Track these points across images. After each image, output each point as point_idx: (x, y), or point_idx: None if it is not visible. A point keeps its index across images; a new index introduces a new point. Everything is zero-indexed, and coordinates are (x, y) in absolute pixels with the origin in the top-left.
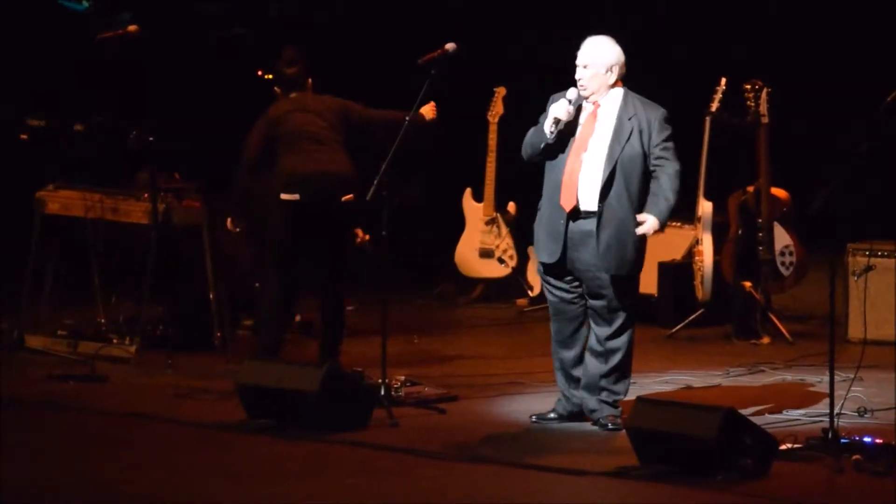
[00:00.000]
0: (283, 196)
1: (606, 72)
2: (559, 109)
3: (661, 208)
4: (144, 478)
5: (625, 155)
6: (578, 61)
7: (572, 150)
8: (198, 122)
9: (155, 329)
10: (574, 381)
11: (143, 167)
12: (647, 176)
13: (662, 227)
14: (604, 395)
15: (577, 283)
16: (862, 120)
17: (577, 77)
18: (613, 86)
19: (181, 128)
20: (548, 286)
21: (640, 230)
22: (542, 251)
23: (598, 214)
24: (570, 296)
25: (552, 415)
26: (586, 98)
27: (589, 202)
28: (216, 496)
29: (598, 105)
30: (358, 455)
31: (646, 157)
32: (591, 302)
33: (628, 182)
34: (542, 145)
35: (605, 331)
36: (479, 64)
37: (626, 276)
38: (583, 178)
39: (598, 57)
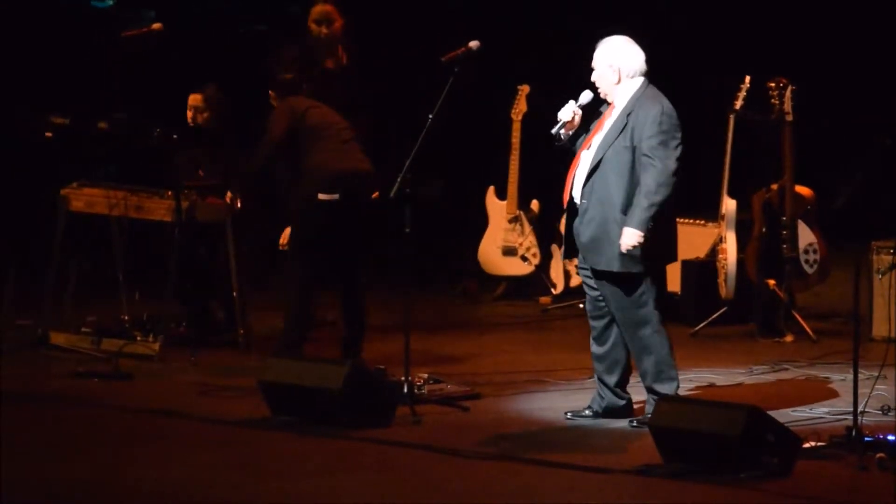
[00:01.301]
0: (322, 196)
1: (607, 69)
2: (565, 111)
3: (636, 217)
4: (168, 474)
5: (612, 150)
6: (592, 65)
7: (581, 148)
8: (221, 120)
9: (179, 326)
10: (607, 378)
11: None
12: (635, 171)
13: (644, 230)
14: (649, 396)
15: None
16: (887, 116)
17: (592, 79)
18: (619, 83)
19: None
20: (583, 281)
21: (621, 246)
22: (564, 248)
23: (584, 210)
24: (594, 292)
25: (587, 411)
26: (604, 98)
27: (578, 198)
28: (239, 493)
29: (614, 105)
30: (381, 452)
31: (635, 152)
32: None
33: (613, 177)
34: (556, 143)
35: (624, 330)
36: (503, 61)
37: (626, 272)
38: (577, 174)
39: (602, 56)
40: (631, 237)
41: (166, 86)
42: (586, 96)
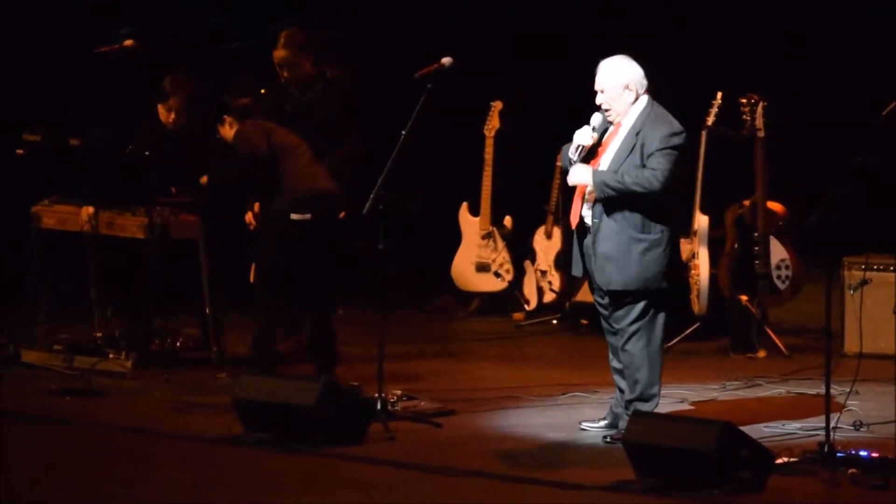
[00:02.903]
0: (294, 216)
1: (624, 90)
2: (583, 136)
3: (602, 175)
4: (142, 492)
5: (624, 168)
6: (596, 87)
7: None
8: (197, 136)
9: (152, 343)
10: (619, 392)
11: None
12: None
13: (595, 186)
14: (624, 412)
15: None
16: (859, 133)
17: (598, 102)
18: (635, 101)
19: (179, 141)
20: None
21: (569, 175)
22: (573, 265)
23: (595, 229)
24: (606, 311)
25: (602, 422)
26: (612, 121)
27: (589, 217)
28: None
29: (620, 124)
30: (354, 469)
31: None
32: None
33: (625, 197)
34: (569, 166)
35: (626, 342)
36: (476, 78)
37: (638, 291)
38: (587, 194)
39: (613, 78)
40: (581, 175)
41: (147, 103)
42: (597, 119)
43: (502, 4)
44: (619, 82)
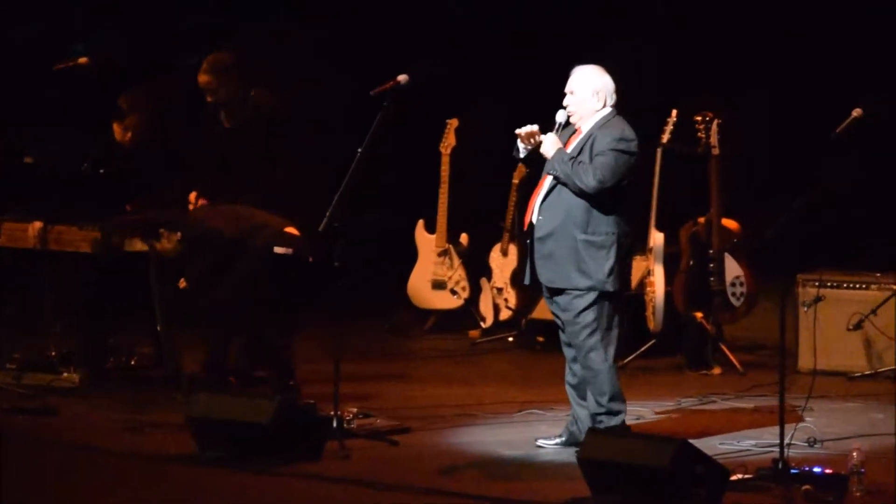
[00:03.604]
0: (278, 249)
1: (592, 96)
2: (526, 127)
3: (562, 154)
4: None
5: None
6: (566, 88)
7: (545, 173)
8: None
9: (105, 361)
10: (575, 410)
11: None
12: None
13: (553, 155)
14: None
15: None
16: (813, 151)
17: (564, 104)
18: (600, 110)
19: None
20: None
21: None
22: (525, 273)
23: (540, 226)
24: (559, 321)
25: (557, 439)
26: (574, 123)
27: (535, 217)
28: None
29: (581, 129)
30: (310, 487)
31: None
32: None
33: (572, 195)
34: (518, 156)
35: (577, 354)
36: (432, 95)
37: (580, 291)
38: (538, 195)
39: (584, 81)
40: (549, 144)
41: (102, 118)
42: (561, 116)
43: (461, 23)
44: (590, 87)
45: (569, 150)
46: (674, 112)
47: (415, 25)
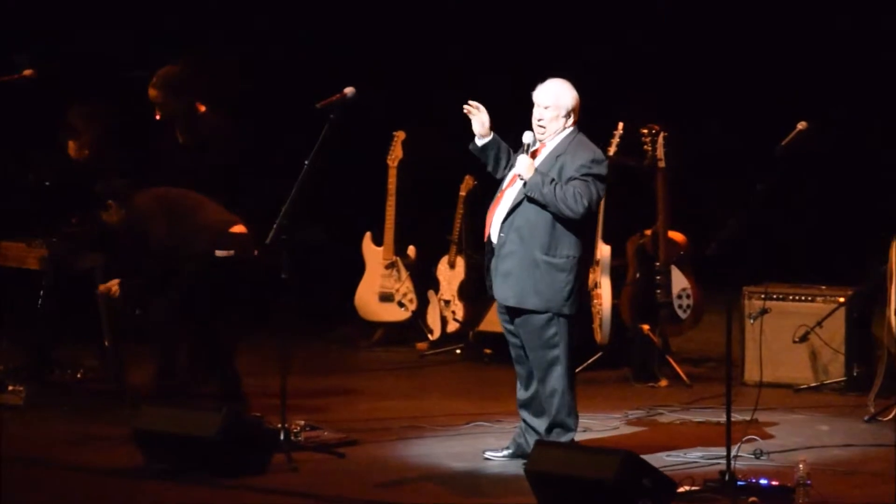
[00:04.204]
0: (219, 253)
1: (566, 115)
2: (527, 138)
3: (544, 177)
4: None
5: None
6: (540, 101)
7: (504, 186)
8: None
9: (51, 374)
10: (537, 423)
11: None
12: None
13: (532, 178)
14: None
15: None
16: (759, 163)
17: (537, 117)
18: (567, 128)
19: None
20: (504, 329)
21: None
22: (487, 285)
23: (500, 245)
24: (515, 339)
25: (505, 451)
26: (541, 138)
27: (496, 234)
28: None
29: (544, 145)
30: (257, 501)
31: None
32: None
33: (536, 216)
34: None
35: (535, 371)
36: (379, 108)
37: (538, 312)
38: (497, 211)
39: (560, 99)
40: (523, 165)
41: (44, 131)
42: (528, 137)
43: (407, 35)
44: (565, 105)
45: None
46: (620, 125)
47: (361, 39)
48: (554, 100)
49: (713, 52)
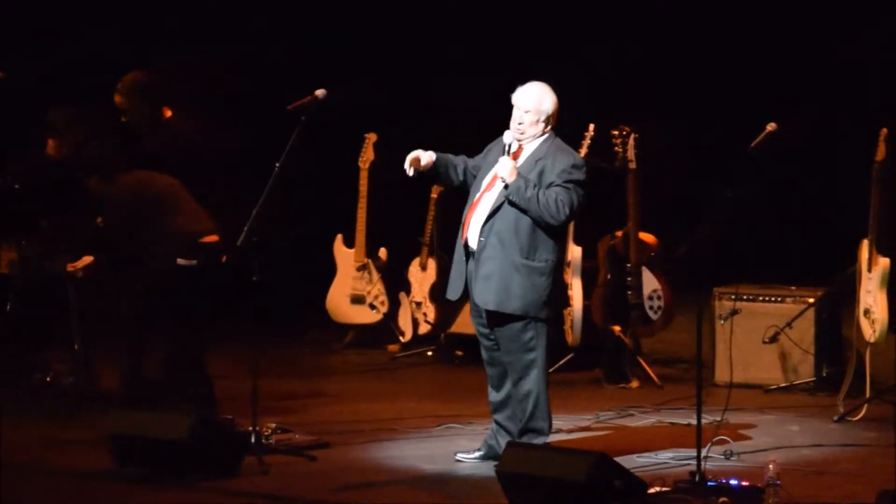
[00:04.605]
0: (181, 261)
1: (545, 118)
2: (507, 137)
3: (526, 181)
4: None
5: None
6: (521, 105)
7: (483, 189)
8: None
9: (21, 378)
10: (510, 425)
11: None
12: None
13: (514, 182)
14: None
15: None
16: (729, 164)
17: (517, 121)
18: (545, 133)
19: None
20: (476, 331)
21: (499, 164)
22: (449, 288)
23: (480, 249)
24: (488, 342)
25: (476, 452)
26: (520, 140)
27: (475, 238)
28: None
29: (522, 148)
30: (228, 503)
31: None
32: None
33: (516, 220)
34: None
35: (511, 374)
36: (350, 110)
37: (515, 316)
38: (476, 214)
39: (542, 103)
40: (505, 167)
41: (16, 134)
42: (509, 137)
43: (380, 38)
44: (546, 110)
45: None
46: (591, 126)
47: (331, 42)
48: (535, 104)
49: (685, 51)
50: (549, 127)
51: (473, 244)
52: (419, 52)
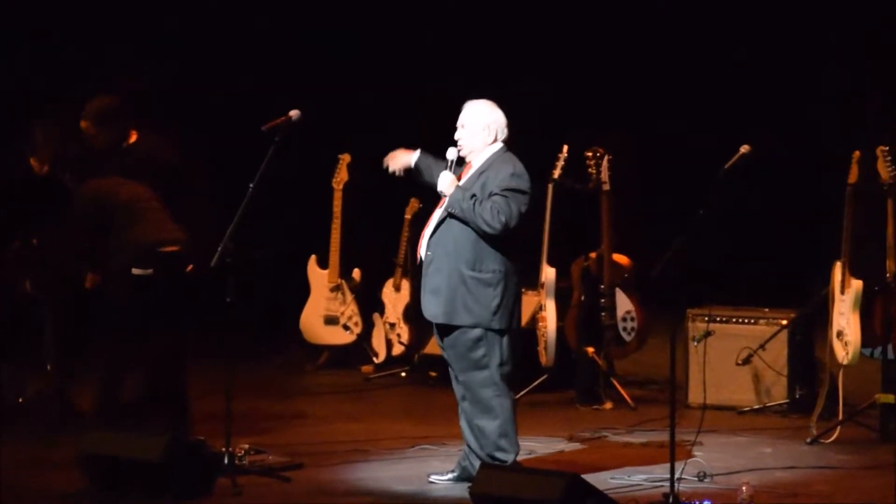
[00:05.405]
0: (136, 270)
1: (483, 130)
2: (450, 153)
3: (463, 192)
4: None
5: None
6: (458, 122)
7: (438, 205)
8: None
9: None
10: (468, 446)
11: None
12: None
13: (452, 195)
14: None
15: None
16: (703, 185)
17: (455, 137)
18: (492, 144)
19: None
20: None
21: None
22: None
23: (428, 262)
24: (447, 357)
25: (450, 474)
26: (464, 156)
27: (423, 252)
28: None
29: (471, 164)
30: None
31: None
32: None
33: (460, 232)
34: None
35: (467, 392)
36: (325, 130)
37: (466, 329)
38: (427, 230)
39: (475, 115)
40: (444, 182)
41: None
42: (452, 153)
43: (352, 59)
44: (481, 121)
45: (460, 184)
46: (565, 147)
47: (306, 62)
48: (467, 118)
49: (660, 74)
50: (492, 140)
51: (423, 257)
52: (395, 71)
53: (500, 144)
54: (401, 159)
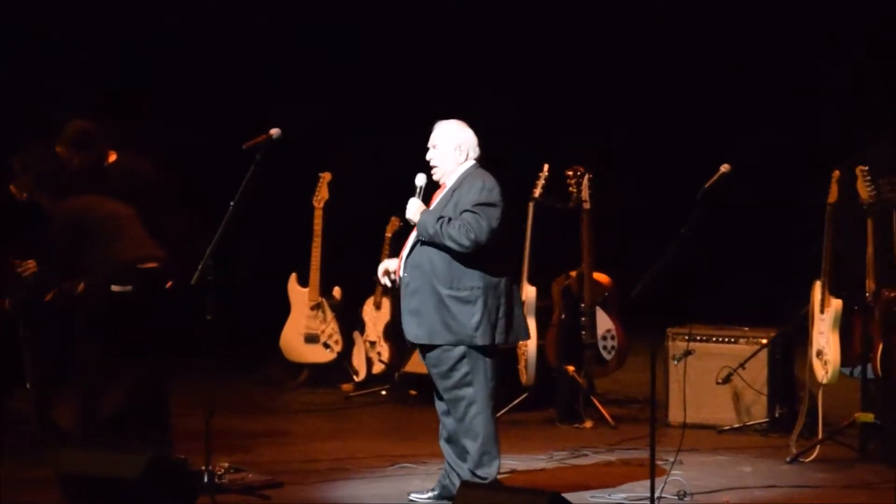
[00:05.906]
0: (115, 288)
1: (455, 150)
2: (419, 180)
3: (430, 216)
4: None
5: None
6: (429, 143)
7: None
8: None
9: None
10: (448, 465)
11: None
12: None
13: (420, 224)
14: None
15: None
16: (683, 204)
17: (427, 158)
18: (463, 163)
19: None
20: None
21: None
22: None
23: (406, 283)
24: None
25: (430, 493)
26: (437, 179)
27: (401, 273)
28: None
29: (445, 184)
30: None
31: None
32: None
33: (434, 252)
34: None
35: (451, 410)
36: (306, 149)
37: (448, 347)
38: (404, 251)
39: (446, 136)
40: (412, 209)
41: None
42: (421, 179)
43: (332, 77)
44: (452, 141)
45: (433, 205)
46: (546, 166)
47: (281, 79)
48: (438, 139)
49: (642, 92)
50: (464, 158)
51: (400, 280)
52: (374, 90)
53: (471, 162)
54: (390, 266)
